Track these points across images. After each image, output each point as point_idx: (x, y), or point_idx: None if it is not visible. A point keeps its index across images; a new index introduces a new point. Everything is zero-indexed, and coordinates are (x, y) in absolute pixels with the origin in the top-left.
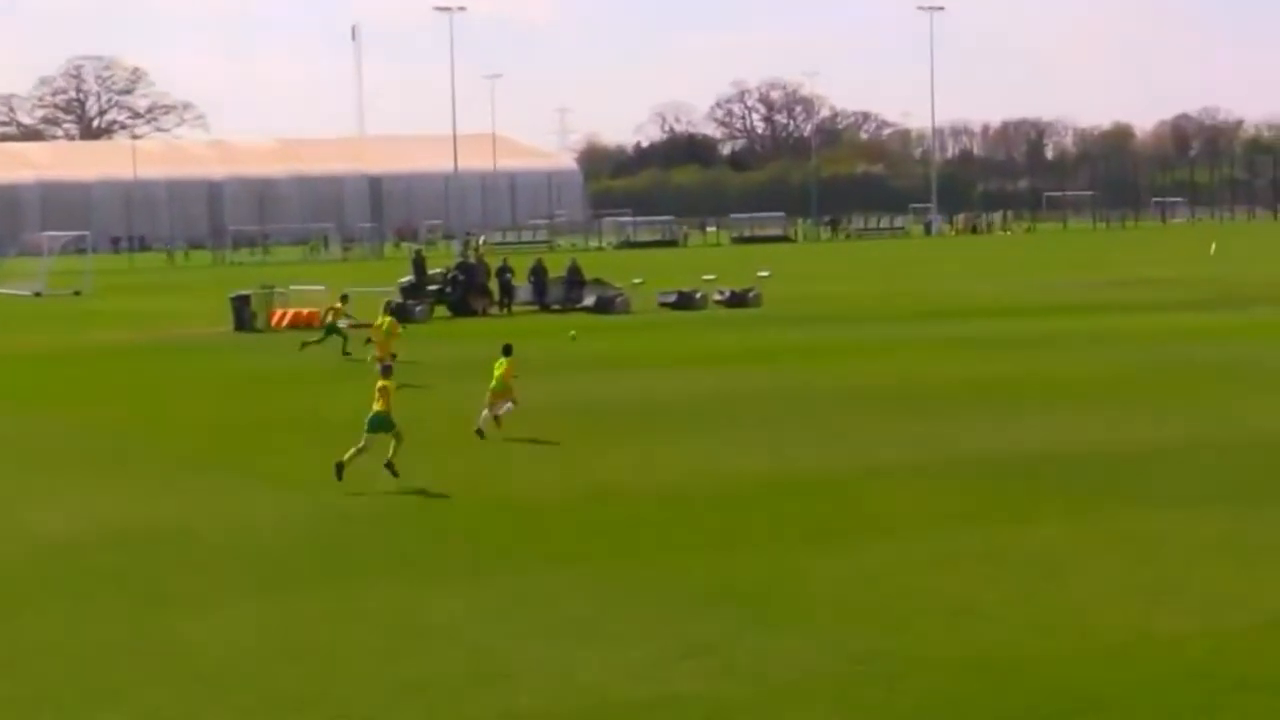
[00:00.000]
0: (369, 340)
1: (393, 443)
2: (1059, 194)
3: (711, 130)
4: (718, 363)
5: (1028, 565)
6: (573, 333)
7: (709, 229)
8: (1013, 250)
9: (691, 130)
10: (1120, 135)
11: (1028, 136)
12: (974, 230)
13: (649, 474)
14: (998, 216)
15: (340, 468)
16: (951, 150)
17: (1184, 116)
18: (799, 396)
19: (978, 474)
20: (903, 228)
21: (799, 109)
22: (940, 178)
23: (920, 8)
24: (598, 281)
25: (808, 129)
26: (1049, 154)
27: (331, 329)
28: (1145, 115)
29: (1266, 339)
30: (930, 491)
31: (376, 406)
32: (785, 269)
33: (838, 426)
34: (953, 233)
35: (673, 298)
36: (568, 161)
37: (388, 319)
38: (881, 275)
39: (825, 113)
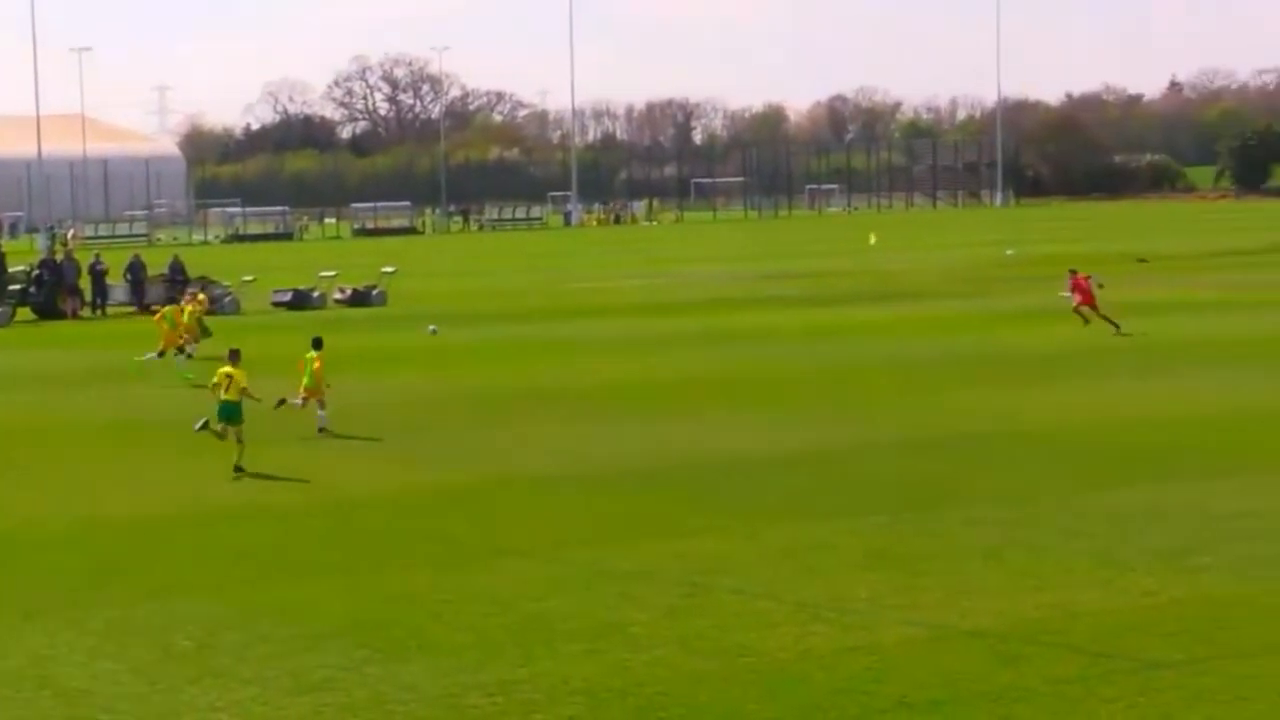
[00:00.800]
0: (159, 315)
1: (237, 442)
2: (708, 181)
3: (330, 112)
4: (335, 369)
5: (677, 583)
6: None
7: (328, 220)
8: (659, 241)
9: (307, 111)
10: (773, 118)
11: (674, 119)
12: (617, 220)
13: (264, 492)
14: (642, 205)
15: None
16: (593, 134)
17: (839, 98)
18: (423, 404)
19: (622, 485)
20: (540, 218)
21: (426, 88)
22: (581, 164)
23: None
24: (203, 279)
25: (436, 110)
26: (698, 138)
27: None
28: (800, 96)
29: (928, 333)
30: (570, 505)
31: (224, 395)
32: (413, 264)
33: (465, 436)
34: (594, 223)
35: (288, 296)
36: (168, 146)
37: (192, 306)
38: (517, 270)
39: (455, 92)
